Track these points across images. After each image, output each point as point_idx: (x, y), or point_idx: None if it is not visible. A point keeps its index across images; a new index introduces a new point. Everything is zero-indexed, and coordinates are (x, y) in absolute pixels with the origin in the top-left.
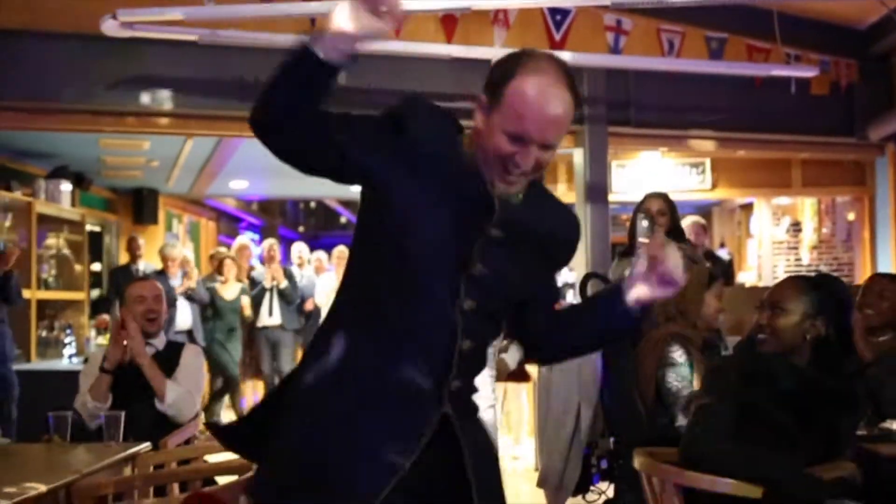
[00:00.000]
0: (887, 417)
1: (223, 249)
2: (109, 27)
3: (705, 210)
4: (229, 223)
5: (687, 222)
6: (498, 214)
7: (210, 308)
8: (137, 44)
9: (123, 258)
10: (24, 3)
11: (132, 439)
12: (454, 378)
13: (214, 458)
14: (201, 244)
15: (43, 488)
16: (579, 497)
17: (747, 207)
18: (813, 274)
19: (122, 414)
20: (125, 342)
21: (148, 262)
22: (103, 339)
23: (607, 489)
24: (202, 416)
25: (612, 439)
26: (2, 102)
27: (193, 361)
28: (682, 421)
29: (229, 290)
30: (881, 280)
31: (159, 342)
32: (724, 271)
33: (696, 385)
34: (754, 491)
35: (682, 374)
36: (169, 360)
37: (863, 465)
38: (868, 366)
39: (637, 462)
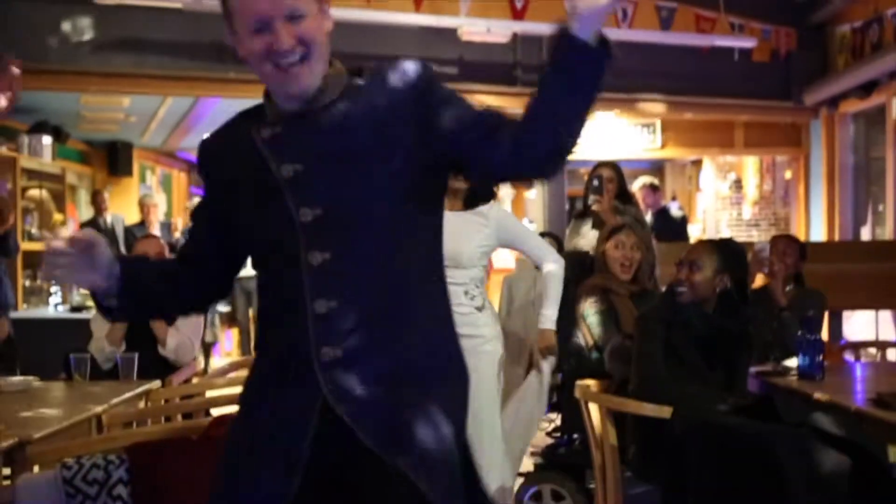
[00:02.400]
0: (791, 355)
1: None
2: None
3: (658, 165)
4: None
5: (638, 184)
6: (278, 147)
7: None
8: (123, 8)
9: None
10: None
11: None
12: (322, 347)
13: (211, 393)
14: (173, 195)
15: (87, 413)
16: None
17: (697, 163)
18: (719, 238)
19: (136, 356)
20: None
21: (116, 214)
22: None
23: (556, 418)
24: (200, 359)
25: (559, 375)
26: None
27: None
28: (608, 359)
29: None
30: (783, 240)
31: None
32: (676, 228)
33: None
34: (666, 411)
35: (591, 324)
36: None
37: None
38: (782, 310)
39: (577, 392)
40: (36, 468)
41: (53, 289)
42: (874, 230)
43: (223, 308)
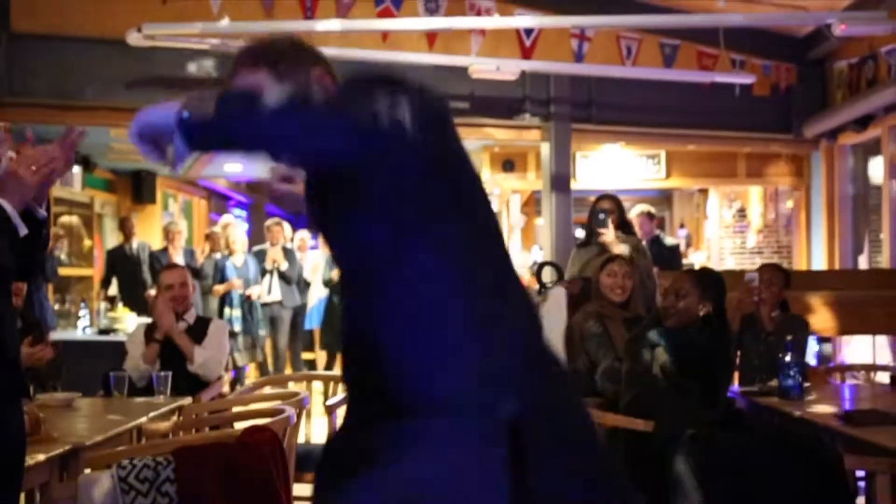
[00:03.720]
0: (775, 377)
1: (217, 229)
2: (134, 39)
3: (667, 194)
4: (219, 201)
5: (635, 212)
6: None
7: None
8: (153, 49)
9: (119, 237)
10: (55, 12)
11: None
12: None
13: (237, 408)
14: (194, 221)
15: (130, 425)
16: None
17: (705, 192)
18: (699, 268)
19: (170, 374)
20: (181, 313)
21: (142, 241)
22: (112, 313)
23: None
24: (225, 377)
25: None
26: (33, 99)
27: (218, 332)
28: (600, 379)
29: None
30: (770, 269)
31: (190, 317)
32: (668, 256)
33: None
34: (649, 425)
35: (588, 348)
36: (199, 331)
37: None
38: (769, 335)
39: None
40: (87, 471)
41: (82, 312)
42: (871, 258)
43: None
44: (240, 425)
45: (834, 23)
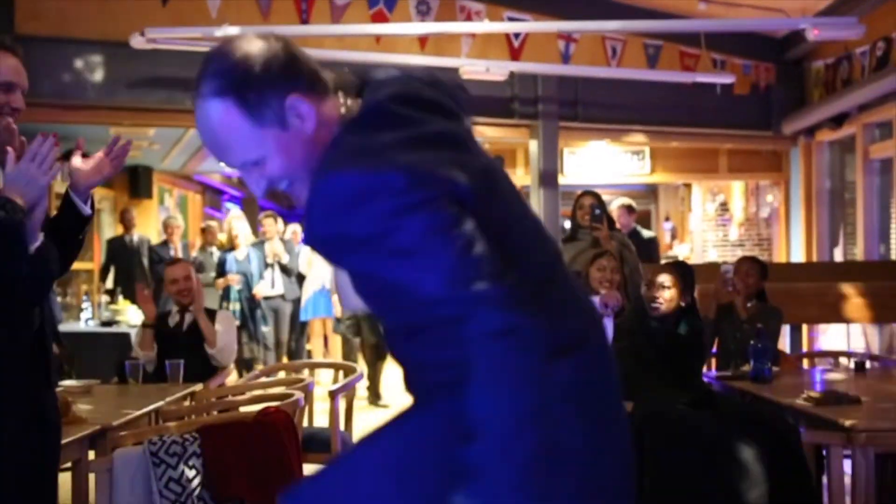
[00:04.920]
0: (748, 362)
1: (213, 223)
2: (137, 42)
3: (653, 188)
4: (213, 196)
5: (615, 205)
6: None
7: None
8: (155, 52)
9: (118, 229)
10: (59, 15)
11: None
12: None
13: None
14: (189, 215)
15: (149, 408)
16: None
17: (689, 185)
18: (676, 261)
19: (182, 362)
20: (188, 305)
21: (141, 234)
22: (114, 306)
23: None
24: (232, 366)
25: None
26: (39, 100)
27: (226, 321)
28: None
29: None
30: (747, 262)
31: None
32: (646, 248)
33: None
34: (628, 405)
35: None
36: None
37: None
38: (744, 323)
39: None
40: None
41: (84, 305)
42: (846, 250)
43: (265, 328)
44: (251, 409)
45: (807, 28)
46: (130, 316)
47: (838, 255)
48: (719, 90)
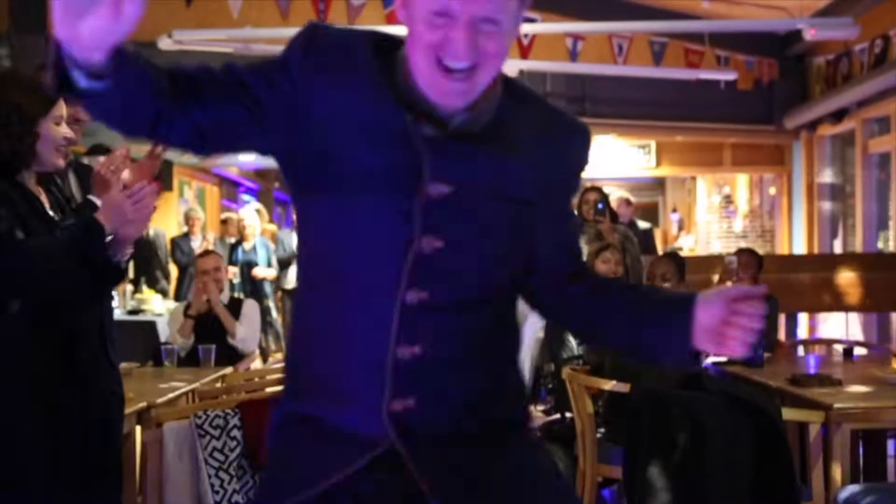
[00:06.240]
0: None
1: (233, 215)
2: (165, 44)
3: (660, 179)
4: (230, 188)
5: (614, 197)
6: (438, 160)
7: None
8: (182, 53)
9: None
10: None
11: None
12: (395, 397)
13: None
14: (206, 208)
15: (188, 388)
16: (532, 406)
17: (695, 178)
18: (671, 252)
19: (214, 347)
20: (204, 297)
21: (157, 228)
22: (139, 295)
23: (552, 401)
24: (257, 352)
25: (552, 365)
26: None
27: (251, 311)
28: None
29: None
30: (746, 254)
31: (224, 298)
32: (644, 240)
33: None
34: (626, 387)
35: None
36: (233, 311)
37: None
38: None
39: (563, 374)
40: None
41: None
42: (846, 241)
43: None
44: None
45: (804, 28)
46: (155, 304)
47: (838, 247)
48: (723, 86)
